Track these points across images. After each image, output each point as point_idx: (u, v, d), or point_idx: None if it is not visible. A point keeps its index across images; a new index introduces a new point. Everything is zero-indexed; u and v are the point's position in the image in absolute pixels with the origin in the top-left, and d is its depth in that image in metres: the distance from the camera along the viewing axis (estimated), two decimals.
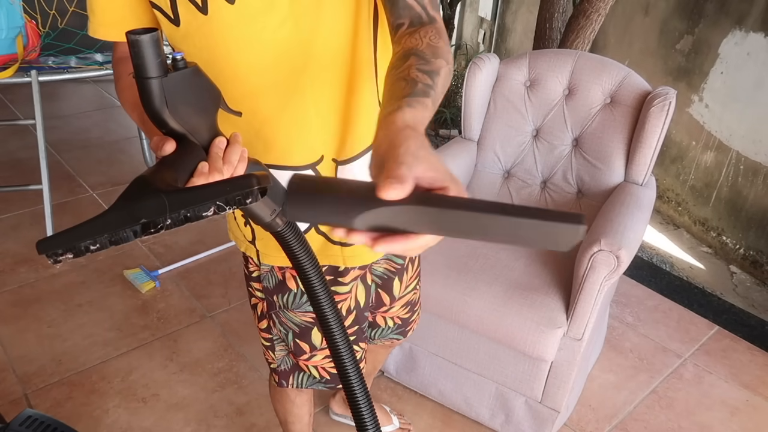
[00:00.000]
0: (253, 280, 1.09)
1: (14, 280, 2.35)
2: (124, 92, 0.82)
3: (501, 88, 1.99)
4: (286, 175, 0.92)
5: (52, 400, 1.83)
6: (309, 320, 1.07)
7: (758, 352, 2.19)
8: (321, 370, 1.16)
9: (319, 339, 1.10)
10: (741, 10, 2.70)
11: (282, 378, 1.18)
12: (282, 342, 1.13)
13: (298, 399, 1.33)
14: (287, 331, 1.09)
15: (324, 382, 1.17)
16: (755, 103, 2.69)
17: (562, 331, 1.55)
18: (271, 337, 1.14)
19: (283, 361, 1.16)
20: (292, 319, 1.07)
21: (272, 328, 1.12)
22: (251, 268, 1.08)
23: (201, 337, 2.11)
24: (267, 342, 1.16)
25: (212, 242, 2.63)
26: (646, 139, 1.77)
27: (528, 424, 1.70)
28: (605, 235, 1.50)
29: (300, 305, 1.05)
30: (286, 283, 1.03)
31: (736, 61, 2.75)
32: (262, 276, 1.04)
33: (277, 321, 1.09)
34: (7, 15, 2.42)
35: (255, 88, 0.85)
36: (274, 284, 1.04)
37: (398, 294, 1.23)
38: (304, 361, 1.14)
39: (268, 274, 1.03)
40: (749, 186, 2.77)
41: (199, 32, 0.79)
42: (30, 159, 3.19)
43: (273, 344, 1.15)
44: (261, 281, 1.06)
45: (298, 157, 0.92)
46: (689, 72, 2.96)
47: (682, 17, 2.96)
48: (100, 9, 0.84)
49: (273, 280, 1.04)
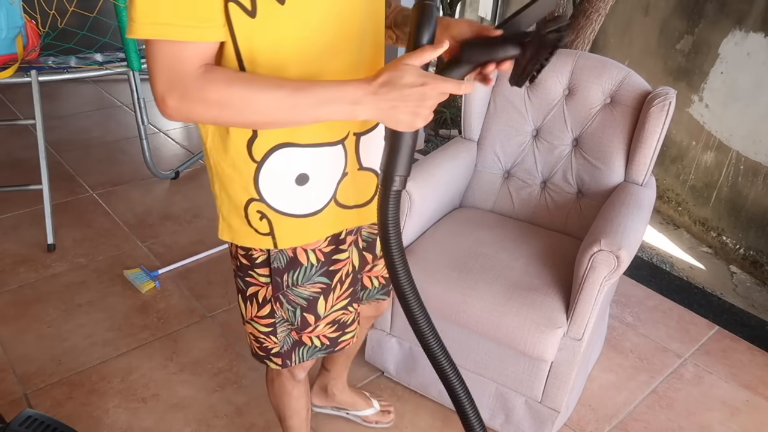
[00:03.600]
0: (258, 267, 1.09)
1: (14, 280, 2.35)
2: (252, 87, 0.81)
3: (501, 88, 1.99)
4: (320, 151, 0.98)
5: (52, 400, 1.83)
6: (317, 291, 1.12)
7: (758, 352, 2.19)
8: (322, 338, 1.20)
9: (323, 308, 1.15)
10: (741, 10, 2.70)
11: (285, 359, 1.20)
12: (285, 323, 1.16)
13: (295, 391, 1.35)
14: (295, 308, 1.13)
15: (324, 348, 1.21)
16: (755, 103, 2.69)
17: (562, 331, 1.55)
18: (273, 322, 1.15)
19: (284, 341, 1.18)
20: (300, 294, 1.11)
21: (276, 311, 1.14)
22: (255, 255, 1.08)
23: (201, 337, 2.11)
24: (268, 328, 1.16)
25: (212, 242, 2.63)
26: (646, 139, 1.77)
27: (528, 424, 1.70)
28: (605, 235, 1.50)
29: (309, 277, 1.10)
30: (297, 259, 1.07)
31: (736, 61, 2.75)
32: (272, 258, 1.06)
33: (285, 301, 1.12)
34: (7, 15, 2.42)
35: (317, 72, 0.90)
36: (286, 263, 1.07)
37: (379, 253, 1.30)
38: (308, 334, 1.17)
39: (278, 254, 1.06)
40: (749, 186, 2.77)
41: (273, 20, 0.84)
42: (30, 159, 3.19)
43: (275, 328, 1.16)
44: (270, 264, 1.07)
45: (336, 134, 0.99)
46: (689, 72, 2.96)
47: (682, 17, 2.96)
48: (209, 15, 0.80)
49: (284, 259, 1.07)
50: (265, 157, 0.95)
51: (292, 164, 0.97)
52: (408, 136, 0.87)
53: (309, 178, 0.99)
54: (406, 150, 0.88)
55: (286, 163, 0.96)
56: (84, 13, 2.96)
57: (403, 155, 0.88)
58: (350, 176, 1.05)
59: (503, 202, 2.02)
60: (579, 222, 1.91)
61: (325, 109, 0.82)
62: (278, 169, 0.96)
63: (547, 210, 1.97)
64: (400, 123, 0.83)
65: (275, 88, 0.81)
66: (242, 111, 0.81)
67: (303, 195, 1.00)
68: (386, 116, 0.83)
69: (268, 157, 0.95)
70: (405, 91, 0.81)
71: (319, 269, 1.10)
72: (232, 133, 0.94)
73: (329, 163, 1.01)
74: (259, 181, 0.96)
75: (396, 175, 0.88)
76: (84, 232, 2.69)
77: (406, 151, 0.88)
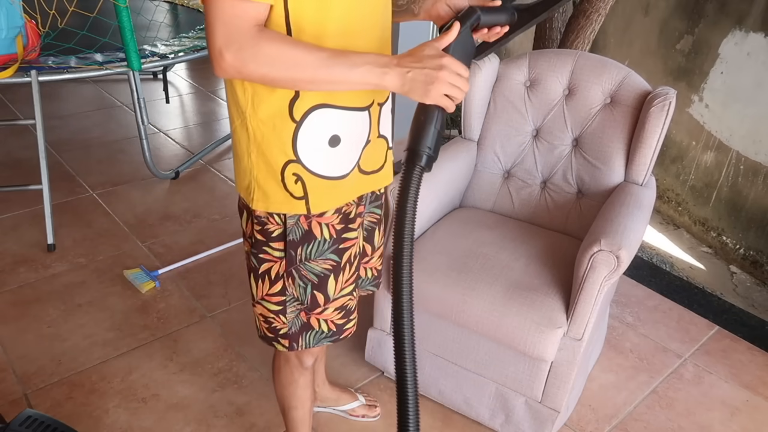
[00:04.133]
0: (273, 241, 1.14)
1: (14, 280, 2.35)
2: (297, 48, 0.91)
3: (501, 88, 1.99)
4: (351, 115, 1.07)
5: (52, 400, 1.83)
6: (328, 267, 1.17)
7: (758, 352, 2.19)
8: (330, 324, 1.24)
9: (333, 289, 1.20)
10: (741, 10, 2.70)
11: (292, 341, 1.24)
12: (295, 302, 1.20)
13: (302, 379, 1.38)
14: (306, 284, 1.18)
15: (330, 335, 1.26)
16: (755, 103, 2.69)
17: (562, 331, 1.55)
18: (283, 300, 1.19)
19: (293, 323, 1.22)
20: (312, 269, 1.16)
21: (287, 288, 1.18)
22: (271, 229, 1.13)
23: (201, 337, 2.11)
24: (278, 306, 1.20)
25: (212, 242, 2.63)
26: (646, 139, 1.77)
27: (528, 424, 1.70)
28: (605, 235, 1.50)
29: (322, 252, 1.16)
30: (312, 232, 1.13)
31: (736, 61, 2.75)
32: (288, 230, 1.12)
33: (297, 276, 1.17)
34: (7, 15, 2.42)
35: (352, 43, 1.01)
36: (301, 235, 1.13)
37: (377, 244, 1.37)
38: (316, 315, 1.22)
39: (294, 227, 1.12)
40: (749, 186, 2.77)
41: None
42: (30, 159, 3.19)
43: (285, 307, 1.20)
44: (286, 237, 1.13)
45: (364, 100, 1.09)
46: (689, 72, 2.96)
47: (682, 17, 2.96)
48: None
49: (299, 231, 1.13)
50: (304, 117, 1.03)
51: (327, 125, 1.05)
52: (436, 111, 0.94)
53: (340, 140, 1.07)
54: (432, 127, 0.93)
55: (322, 124, 1.04)
56: (84, 13, 2.96)
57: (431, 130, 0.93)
58: (372, 143, 1.15)
59: (503, 202, 2.02)
60: (579, 222, 1.91)
61: (359, 71, 0.92)
62: (314, 130, 1.04)
63: (547, 210, 1.97)
64: (416, 90, 0.92)
65: (318, 50, 0.92)
66: (289, 68, 0.91)
67: (334, 157, 1.08)
68: (407, 84, 0.92)
69: (306, 117, 1.03)
70: (424, 62, 0.91)
71: (331, 245, 1.16)
72: (276, 94, 1.01)
73: (358, 128, 1.10)
74: (297, 141, 1.04)
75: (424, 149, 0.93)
76: (84, 232, 2.69)
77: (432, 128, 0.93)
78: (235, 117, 1.08)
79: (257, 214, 1.13)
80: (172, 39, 3.32)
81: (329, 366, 2.00)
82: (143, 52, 2.93)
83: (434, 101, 0.92)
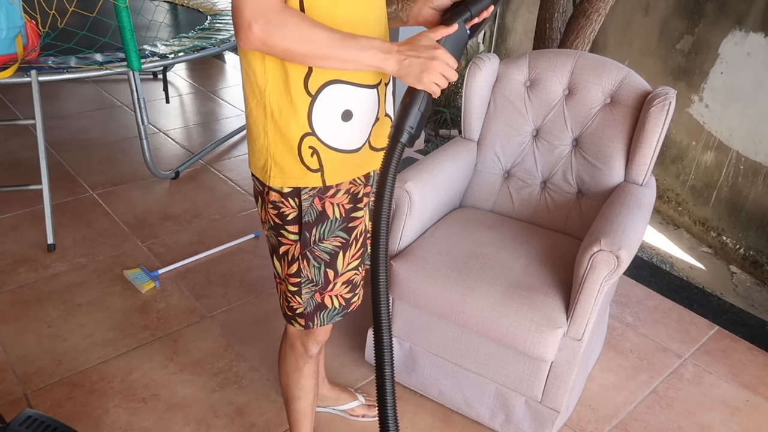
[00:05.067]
0: (289, 224, 1.21)
1: (14, 280, 2.35)
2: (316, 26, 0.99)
3: (501, 88, 1.99)
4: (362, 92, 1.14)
5: (52, 400, 1.83)
6: (338, 244, 1.25)
7: (758, 352, 2.19)
8: (339, 299, 1.32)
9: (341, 264, 1.28)
10: (741, 10, 2.70)
11: (308, 320, 1.31)
12: (310, 284, 1.27)
13: (306, 368, 1.42)
14: (319, 264, 1.25)
15: (341, 310, 1.34)
16: (755, 103, 2.69)
17: (562, 331, 1.55)
18: (299, 281, 1.26)
19: (308, 303, 1.29)
20: (325, 248, 1.24)
21: (302, 270, 1.25)
22: (286, 212, 1.20)
23: (201, 337, 2.11)
24: (295, 287, 1.28)
25: (212, 242, 2.63)
26: (646, 139, 1.77)
27: (528, 424, 1.70)
28: (605, 235, 1.50)
29: (333, 231, 1.24)
30: (326, 212, 1.21)
31: (736, 61, 2.75)
32: (303, 212, 1.19)
33: (311, 257, 1.24)
34: (7, 15, 2.42)
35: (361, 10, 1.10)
36: (315, 216, 1.20)
37: None
38: (328, 293, 1.30)
39: (309, 208, 1.19)
40: (749, 186, 2.77)
41: None
42: (30, 159, 3.19)
43: (300, 288, 1.27)
44: (302, 218, 1.19)
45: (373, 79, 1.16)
46: (689, 72, 2.96)
47: (682, 17, 2.96)
48: None
49: (314, 213, 1.20)
50: (319, 91, 1.10)
51: (340, 100, 1.12)
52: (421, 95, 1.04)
53: (352, 115, 1.14)
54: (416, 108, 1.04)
55: (335, 98, 1.11)
56: (84, 13, 2.96)
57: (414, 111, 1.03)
58: (380, 121, 1.21)
59: (503, 202, 2.02)
60: (579, 222, 1.91)
61: (367, 53, 1.01)
62: (328, 104, 1.11)
63: (547, 210, 1.97)
64: (410, 75, 1.02)
65: (334, 31, 1.00)
66: (309, 44, 0.99)
67: (347, 131, 1.15)
68: (403, 69, 1.02)
69: (321, 92, 1.10)
70: (419, 50, 1.02)
71: (341, 224, 1.24)
72: (291, 70, 1.08)
73: (368, 105, 1.17)
74: (313, 114, 1.11)
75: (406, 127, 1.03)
76: (84, 232, 2.69)
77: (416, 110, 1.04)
78: (251, 98, 1.13)
79: (272, 199, 1.19)
80: (172, 39, 3.32)
81: (329, 366, 2.00)
82: (143, 52, 2.93)
83: (424, 87, 1.03)
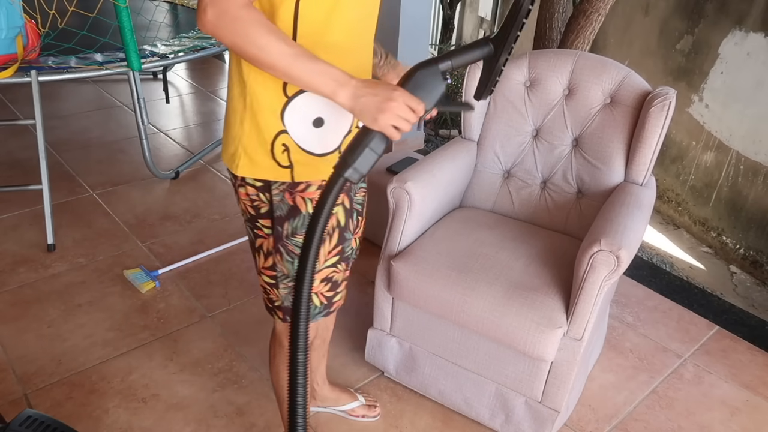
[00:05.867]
0: (262, 217, 1.24)
1: (14, 280, 2.35)
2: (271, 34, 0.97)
3: (501, 88, 1.99)
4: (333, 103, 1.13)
5: (52, 400, 1.83)
6: None
7: (758, 352, 2.19)
8: (320, 297, 1.33)
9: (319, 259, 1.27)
10: (741, 10, 2.70)
11: (286, 314, 1.34)
12: (285, 278, 1.28)
13: None
14: (293, 259, 1.26)
15: (323, 308, 1.35)
16: (755, 103, 2.69)
17: (562, 331, 1.55)
18: (275, 275, 1.29)
19: (285, 297, 1.31)
20: (297, 243, 1.24)
21: (276, 264, 1.27)
22: (260, 205, 1.22)
23: (201, 337, 2.11)
24: (271, 280, 1.30)
25: (212, 242, 2.63)
26: (646, 139, 1.77)
27: (528, 424, 1.70)
28: (605, 235, 1.50)
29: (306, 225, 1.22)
30: (297, 207, 1.21)
31: (736, 61, 2.75)
32: (275, 206, 1.20)
33: (284, 251, 1.25)
34: (7, 15, 2.42)
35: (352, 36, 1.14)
36: (287, 211, 1.21)
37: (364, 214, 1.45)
38: None
39: (281, 203, 1.20)
40: (749, 186, 2.77)
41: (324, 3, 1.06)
42: (30, 159, 3.19)
43: (277, 282, 1.30)
44: (273, 213, 1.21)
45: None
46: (689, 72, 2.96)
47: (682, 17, 2.96)
48: None
49: (285, 207, 1.21)
50: (296, 94, 1.12)
51: (313, 106, 1.13)
52: (375, 134, 1.00)
53: (324, 122, 1.16)
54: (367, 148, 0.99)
55: (309, 105, 1.13)
56: (84, 13, 2.96)
57: (364, 150, 0.99)
58: (352, 133, 1.22)
59: (503, 202, 2.02)
60: (579, 222, 1.91)
61: (316, 78, 0.99)
62: (301, 108, 1.13)
63: (547, 210, 1.97)
64: (365, 114, 0.99)
65: (288, 45, 0.98)
66: (255, 48, 0.97)
67: (317, 137, 1.17)
68: (359, 106, 0.99)
69: (297, 96, 1.12)
70: (377, 89, 0.98)
71: None
72: None
73: (341, 116, 1.17)
74: (285, 115, 1.13)
75: (352, 164, 0.99)
76: (84, 232, 2.69)
77: (366, 149, 0.99)
78: (235, 85, 1.15)
79: (246, 192, 1.21)
80: (172, 39, 3.32)
81: (329, 366, 2.00)
82: (143, 52, 2.93)
83: (381, 129, 0.99)
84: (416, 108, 0.99)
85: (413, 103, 0.99)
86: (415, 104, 0.99)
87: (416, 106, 0.99)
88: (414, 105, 0.98)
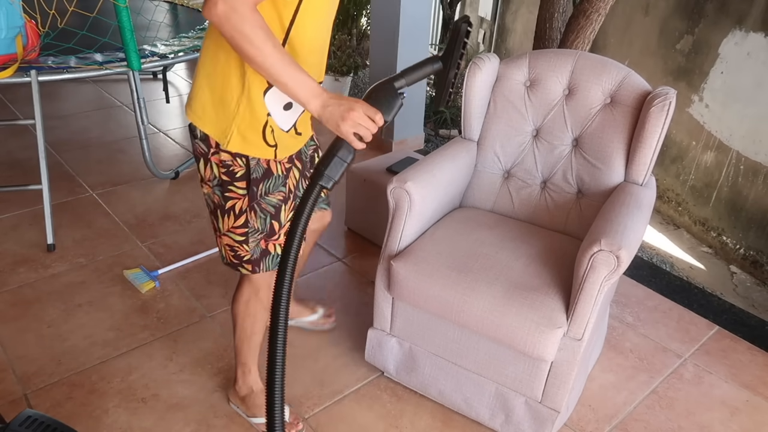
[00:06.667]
0: (237, 180, 1.40)
1: (14, 280, 2.35)
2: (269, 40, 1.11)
3: (501, 88, 1.99)
4: None
5: (52, 400, 1.83)
6: (280, 198, 1.46)
7: (758, 352, 2.19)
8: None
9: (284, 216, 1.48)
10: (741, 10, 2.70)
11: (254, 265, 1.50)
12: (256, 232, 1.46)
13: (266, 300, 1.57)
14: (265, 215, 1.45)
15: None
16: (755, 103, 2.69)
17: (562, 331, 1.55)
18: (246, 231, 1.45)
19: (254, 250, 1.48)
20: (270, 201, 1.44)
21: (249, 221, 1.44)
22: (236, 170, 1.38)
23: (201, 337, 2.11)
24: (242, 237, 1.46)
25: (212, 242, 2.62)
26: (646, 139, 1.77)
27: (528, 424, 1.70)
28: (605, 235, 1.50)
29: (277, 186, 1.44)
30: (271, 170, 1.41)
31: (736, 61, 2.75)
32: (252, 169, 1.38)
33: (258, 209, 1.43)
34: (7, 15, 2.42)
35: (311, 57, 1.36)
36: (262, 173, 1.40)
37: None
38: (273, 241, 1.49)
39: (257, 166, 1.39)
40: (749, 186, 2.77)
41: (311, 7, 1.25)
42: (30, 159, 3.19)
43: (247, 237, 1.46)
44: (249, 175, 1.38)
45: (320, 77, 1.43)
46: (689, 72, 2.96)
47: (682, 17, 2.96)
48: None
49: (260, 170, 1.40)
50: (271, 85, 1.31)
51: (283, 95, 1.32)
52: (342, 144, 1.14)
53: (292, 105, 1.37)
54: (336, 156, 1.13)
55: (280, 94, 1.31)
56: (84, 13, 2.96)
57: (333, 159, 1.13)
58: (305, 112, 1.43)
59: (503, 202, 2.02)
60: (579, 222, 1.91)
61: (297, 86, 1.15)
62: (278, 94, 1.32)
63: (547, 210, 1.97)
64: (330, 122, 1.15)
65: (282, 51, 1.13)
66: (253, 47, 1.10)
67: (288, 117, 1.38)
68: (326, 114, 1.16)
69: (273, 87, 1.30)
70: (342, 100, 1.16)
71: (283, 180, 1.45)
72: None
73: None
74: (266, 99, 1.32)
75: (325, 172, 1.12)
76: (84, 232, 2.69)
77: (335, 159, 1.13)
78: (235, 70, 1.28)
79: (222, 159, 1.37)
80: (172, 39, 3.32)
81: (329, 366, 2.00)
82: (143, 52, 2.93)
83: (344, 136, 1.14)
84: (375, 117, 1.14)
85: (371, 112, 1.14)
86: (373, 113, 1.14)
87: (374, 115, 1.14)
88: (372, 114, 1.14)
